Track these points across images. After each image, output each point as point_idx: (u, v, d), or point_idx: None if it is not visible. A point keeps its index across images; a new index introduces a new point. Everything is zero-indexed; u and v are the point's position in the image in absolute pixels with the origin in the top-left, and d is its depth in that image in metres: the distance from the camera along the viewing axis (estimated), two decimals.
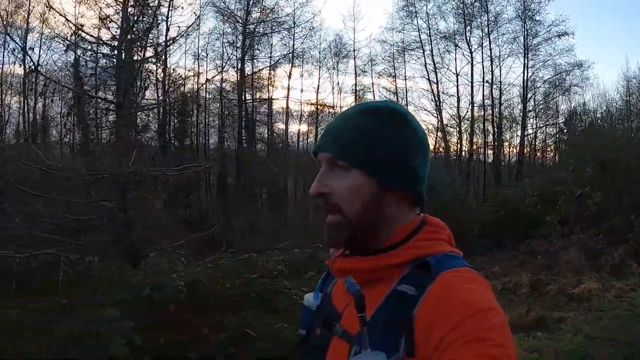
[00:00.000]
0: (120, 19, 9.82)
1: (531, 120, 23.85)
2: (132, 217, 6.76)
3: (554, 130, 25.23)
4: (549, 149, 26.07)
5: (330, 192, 0.85)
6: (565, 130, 25.21)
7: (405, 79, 23.88)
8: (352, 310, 0.81)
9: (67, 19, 9.43)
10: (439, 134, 23.14)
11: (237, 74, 19.81)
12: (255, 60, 20.27)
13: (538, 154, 25.49)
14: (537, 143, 25.26)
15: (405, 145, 0.86)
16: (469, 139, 22.78)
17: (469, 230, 12.39)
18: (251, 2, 19.48)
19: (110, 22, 9.66)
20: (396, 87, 23.68)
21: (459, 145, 23.61)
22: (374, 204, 0.84)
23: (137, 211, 7.02)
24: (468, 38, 21.85)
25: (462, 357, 0.69)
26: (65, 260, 5.69)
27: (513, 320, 5.17)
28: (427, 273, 0.79)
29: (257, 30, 19.79)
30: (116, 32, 9.94)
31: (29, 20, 21.43)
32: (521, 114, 22.97)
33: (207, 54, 20.84)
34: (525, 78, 22.44)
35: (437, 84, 22.89)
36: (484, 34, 22.65)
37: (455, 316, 0.72)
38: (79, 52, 13.38)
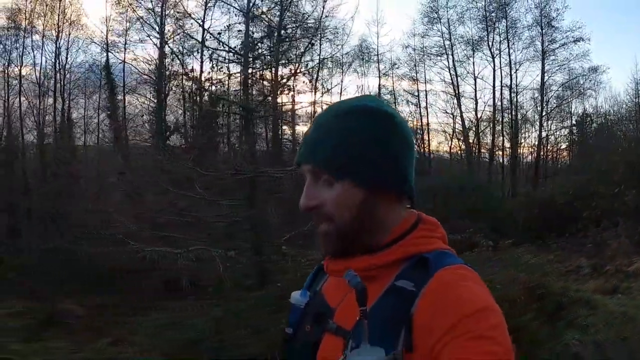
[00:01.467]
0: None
1: (544, 122, 25.76)
2: (267, 216, 8.04)
3: (565, 132, 27.13)
4: (561, 151, 28.02)
5: (319, 204, 0.88)
6: (576, 133, 27.23)
7: (425, 82, 25.55)
8: (347, 306, 0.87)
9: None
10: (460, 136, 24.90)
11: (272, 78, 21.30)
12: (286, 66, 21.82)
13: (551, 155, 27.41)
14: (549, 145, 27.18)
15: (387, 145, 0.87)
16: (490, 140, 24.51)
17: (511, 224, 14.01)
18: (284, 8, 20.99)
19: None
20: (418, 90, 25.38)
21: (477, 147, 25.37)
22: (363, 211, 0.86)
23: (272, 211, 8.34)
24: (490, 43, 23.56)
25: (461, 356, 0.72)
26: (222, 255, 6.97)
27: (596, 288, 6.77)
28: (425, 269, 0.82)
29: (290, 35, 21.28)
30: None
31: (60, 24, 22.77)
32: (538, 117, 24.82)
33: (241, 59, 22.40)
34: (543, 82, 24.26)
35: (457, 87, 24.64)
36: (501, 39, 24.47)
37: (456, 313, 0.76)
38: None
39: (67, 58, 22.67)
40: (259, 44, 12.73)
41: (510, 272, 5.54)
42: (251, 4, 11.93)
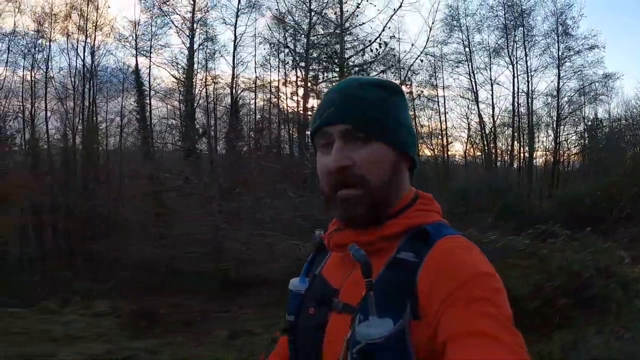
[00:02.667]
0: None
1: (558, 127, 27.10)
2: None
3: (576, 137, 28.54)
4: (573, 155, 29.41)
5: (352, 164, 0.89)
6: (587, 137, 28.66)
7: (444, 88, 26.88)
8: (352, 282, 0.91)
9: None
10: (477, 140, 26.21)
11: (303, 83, 22.52)
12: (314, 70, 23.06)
13: (565, 158, 28.81)
14: (561, 149, 28.56)
15: (407, 115, 0.97)
16: (509, 145, 25.86)
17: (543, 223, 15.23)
18: (313, 14, 22.25)
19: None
20: (437, 96, 26.67)
21: (494, 151, 26.68)
22: (393, 173, 0.92)
23: None
24: (510, 51, 24.93)
25: (462, 316, 0.76)
26: None
27: None
28: (426, 240, 0.87)
29: (319, 41, 22.52)
30: None
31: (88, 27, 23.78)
32: (552, 122, 26.17)
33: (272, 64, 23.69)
34: (559, 88, 25.62)
35: (476, 92, 25.95)
36: (517, 46, 25.84)
37: (455, 278, 0.80)
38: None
39: (93, 61, 23.78)
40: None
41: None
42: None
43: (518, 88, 25.51)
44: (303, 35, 22.30)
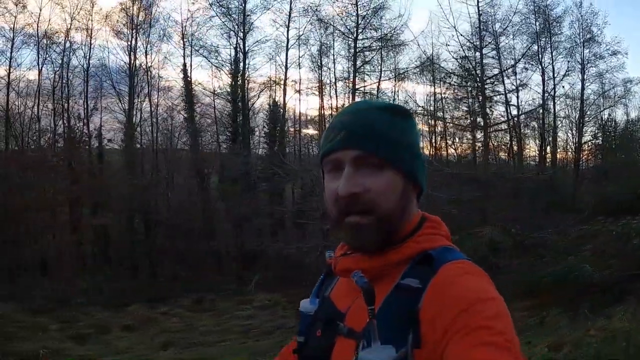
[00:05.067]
0: None
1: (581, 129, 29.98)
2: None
3: (589, 137, 31.55)
4: (590, 154, 32.39)
5: (363, 191, 0.93)
6: (601, 137, 31.69)
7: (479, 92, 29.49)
8: (357, 307, 0.94)
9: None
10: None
11: (351, 88, 24.78)
12: (365, 75, 25.38)
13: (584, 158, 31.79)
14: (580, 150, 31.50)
15: (417, 142, 1.01)
16: (538, 145, 28.66)
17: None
18: (359, 19, 24.53)
19: None
20: (468, 97, 29.20)
21: (520, 151, 29.43)
22: (403, 201, 0.96)
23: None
24: (540, 56, 27.63)
25: (464, 347, 0.78)
26: None
27: None
28: (430, 266, 0.90)
29: (369, 46, 24.81)
30: None
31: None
32: (578, 124, 28.98)
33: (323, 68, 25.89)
34: (583, 91, 28.41)
35: (506, 95, 28.56)
36: (544, 51, 28.55)
37: (456, 306, 0.82)
38: None
39: (148, 61, 25.51)
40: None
41: None
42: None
43: (546, 91, 28.30)
44: (351, 40, 24.56)
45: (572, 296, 8.54)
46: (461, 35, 20.71)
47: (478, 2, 21.44)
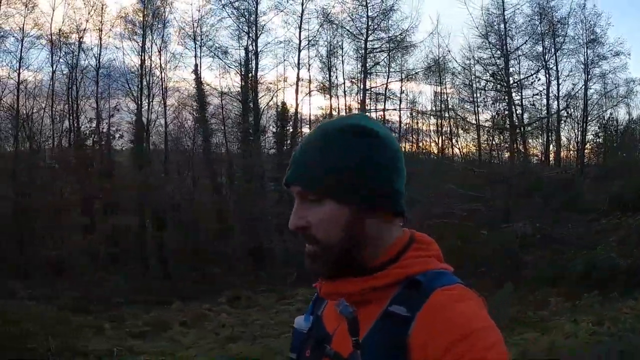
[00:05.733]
0: None
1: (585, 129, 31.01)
2: None
3: (590, 137, 32.61)
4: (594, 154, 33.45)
5: (306, 224, 0.95)
6: (601, 136, 32.74)
7: (479, 92, 30.40)
8: (343, 332, 0.94)
9: None
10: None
11: (361, 88, 25.56)
12: (374, 76, 26.17)
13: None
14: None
15: (375, 162, 0.94)
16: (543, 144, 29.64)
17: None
18: (370, 21, 25.32)
19: None
20: (473, 97, 30.10)
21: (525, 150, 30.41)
22: (351, 231, 0.94)
23: None
24: (545, 58, 28.59)
25: None
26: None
27: None
28: (419, 292, 0.89)
29: (379, 47, 25.61)
30: None
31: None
32: (582, 123, 30.00)
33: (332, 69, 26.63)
34: (586, 91, 29.40)
35: (510, 94, 29.47)
36: (548, 52, 29.54)
37: (449, 336, 0.82)
38: None
39: (159, 61, 26.03)
40: None
41: None
42: None
43: (550, 91, 29.27)
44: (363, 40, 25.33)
45: (602, 282, 9.36)
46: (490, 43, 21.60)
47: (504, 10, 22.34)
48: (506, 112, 24.15)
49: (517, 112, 25.86)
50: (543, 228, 12.42)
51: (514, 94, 25.15)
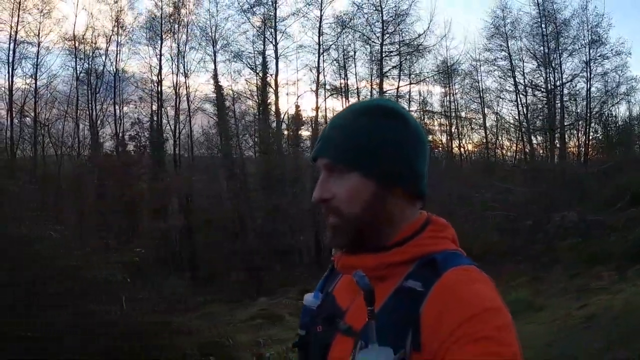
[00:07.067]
0: None
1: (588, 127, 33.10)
2: None
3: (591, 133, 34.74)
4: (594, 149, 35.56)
5: (331, 196, 1.02)
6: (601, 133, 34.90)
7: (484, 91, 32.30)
8: (357, 306, 0.98)
9: None
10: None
11: (378, 92, 27.15)
12: (389, 79, 27.79)
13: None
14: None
15: (400, 142, 1.01)
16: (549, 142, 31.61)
17: None
18: (385, 25, 26.98)
19: None
20: (481, 97, 31.99)
21: (530, 149, 32.37)
22: (373, 205, 1.00)
23: None
24: (549, 58, 30.61)
25: (468, 355, 0.82)
26: None
27: None
28: (434, 270, 0.93)
29: (395, 51, 27.27)
30: None
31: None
32: (585, 122, 32.02)
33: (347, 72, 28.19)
34: (589, 90, 31.43)
35: (518, 94, 31.48)
36: (552, 52, 31.58)
37: (462, 313, 0.86)
38: None
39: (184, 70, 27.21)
40: None
41: None
42: None
43: (554, 90, 31.27)
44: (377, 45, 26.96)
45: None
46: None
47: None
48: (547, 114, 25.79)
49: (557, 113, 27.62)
50: (585, 216, 14.34)
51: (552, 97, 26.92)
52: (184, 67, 26.89)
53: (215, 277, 19.01)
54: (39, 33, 24.73)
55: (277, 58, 26.14)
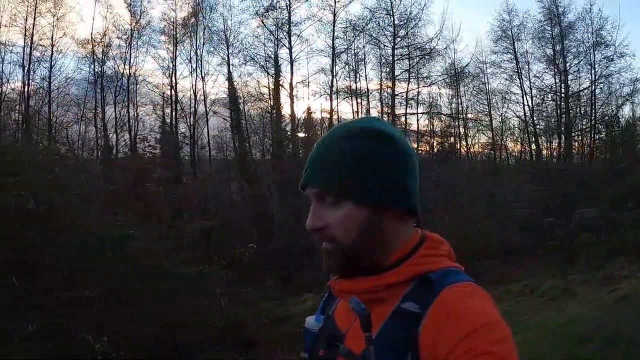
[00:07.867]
0: None
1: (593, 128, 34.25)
2: None
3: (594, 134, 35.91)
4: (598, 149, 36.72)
5: (324, 225, 1.03)
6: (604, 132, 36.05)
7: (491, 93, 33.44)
8: (355, 330, 0.99)
9: None
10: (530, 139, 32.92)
11: (390, 94, 28.19)
12: (400, 82, 28.84)
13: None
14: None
15: (391, 166, 1.02)
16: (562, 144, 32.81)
17: None
18: (396, 29, 28.03)
19: None
20: (488, 99, 33.12)
21: (537, 149, 33.52)
22: (368, 229, 1.02)
23: None
24: (557, 61, 31.80)
25: None
26: None
27: None
28: (430, 289, 0.95)
29: (407, 54, 28.33)
30: None
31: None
32: (590, 123, 33.19)
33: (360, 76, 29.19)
34: (594, 91, 32.59)
35: (524, 95, 32.63)
36: (558, 54, 32.75)
37: (459, 331, 0.87)
38: None
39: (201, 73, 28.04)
40: None
41: None
42: None
43: (560, 91, 32.46)
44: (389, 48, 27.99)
45: None
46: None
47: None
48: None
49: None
50: (603, 213, 15.61)
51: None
52: (200, 71, 27.76)
53: (247, 275, 19.72)
54: (52, 36, 25.63)
55: (291, 62, 27.01)
